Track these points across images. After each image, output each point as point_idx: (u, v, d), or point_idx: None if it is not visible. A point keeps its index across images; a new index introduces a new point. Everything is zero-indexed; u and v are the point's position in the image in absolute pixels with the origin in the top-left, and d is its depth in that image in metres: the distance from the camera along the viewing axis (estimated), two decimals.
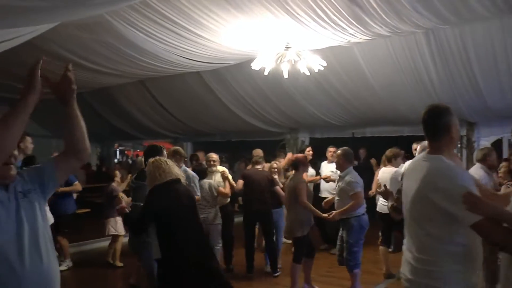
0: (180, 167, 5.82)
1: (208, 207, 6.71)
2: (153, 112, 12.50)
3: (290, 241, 8.00)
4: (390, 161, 7.10)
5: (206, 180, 6.90)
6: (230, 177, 7.30)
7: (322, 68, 7.01)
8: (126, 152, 22.34)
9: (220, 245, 7.01)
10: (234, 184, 7.33)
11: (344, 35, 6.33)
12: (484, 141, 8.88)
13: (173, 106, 11.92)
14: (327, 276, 6.72)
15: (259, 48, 6.90)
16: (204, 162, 7.59)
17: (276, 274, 7.14)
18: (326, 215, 5.86)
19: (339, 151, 5.96)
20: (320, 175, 8.80)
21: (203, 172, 6.99)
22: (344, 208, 5.71)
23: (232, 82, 9.78)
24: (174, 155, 6.30)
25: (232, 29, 6.21)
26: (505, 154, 8.53)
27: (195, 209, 4.31)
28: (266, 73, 7.10)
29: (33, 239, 2.09)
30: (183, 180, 4.32)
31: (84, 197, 11.03)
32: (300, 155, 6.67)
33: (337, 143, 8.18)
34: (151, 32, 6.45)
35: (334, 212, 5.78)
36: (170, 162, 4.34)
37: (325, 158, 8.98)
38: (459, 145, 8.87)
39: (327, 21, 5.79)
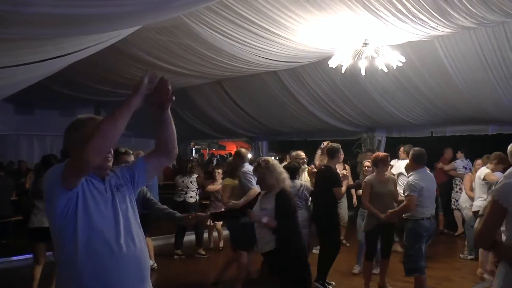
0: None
1: (301, 210, 6.05)
2: (230, 112, 12.73)
3: None
4: None
5: (297, 181, 6.25)
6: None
7: (401, 64, 6.84)
8: (202, 150, 22.85)
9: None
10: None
11: (425, 28, 6.13)
12: None
13: (250, 105, 12.08)
14: (403, 281, 6.28)
15: (336, 45, 6.85)
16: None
17: None
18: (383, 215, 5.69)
19: (410, 151, 5.75)
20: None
21: (295, 171, 6.31)
22: (395, 209, 5.65)
23: (309, 81, 9.76)
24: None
25: (310, 27, 6.21)
26: None
27: None
28: (343, 71, 7.02)
29: (127, 226, 2.35)
30: None
31: (161, 194, 11.37)
32: (381, 153, 6.47)
33: (414, 143, 7.80)
34: (229, 33, 6.57)
35: (389, 211, 5.65)
36: None
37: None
38: None
39: (407, 14, 5.64)
